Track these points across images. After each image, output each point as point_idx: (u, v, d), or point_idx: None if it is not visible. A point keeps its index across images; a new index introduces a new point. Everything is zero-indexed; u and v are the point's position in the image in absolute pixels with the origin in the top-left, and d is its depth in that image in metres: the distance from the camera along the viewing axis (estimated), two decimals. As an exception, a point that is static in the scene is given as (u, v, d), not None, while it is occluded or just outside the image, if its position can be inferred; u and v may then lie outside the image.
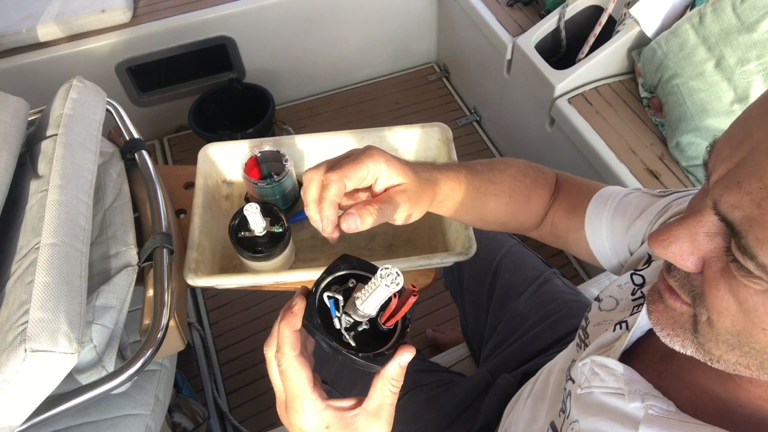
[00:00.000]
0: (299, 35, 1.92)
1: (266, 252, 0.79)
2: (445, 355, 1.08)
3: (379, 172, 0.51)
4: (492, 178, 0.62)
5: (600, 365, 0.48)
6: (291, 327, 0.43)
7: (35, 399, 0.59)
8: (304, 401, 0.43)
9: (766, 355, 0.34)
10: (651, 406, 0.41)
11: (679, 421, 0.40)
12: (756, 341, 0.34)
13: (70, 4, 1.65)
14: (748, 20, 1.20)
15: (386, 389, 0.43)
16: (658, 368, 0.47)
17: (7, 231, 0.70)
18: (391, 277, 0.40)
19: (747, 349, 0.35)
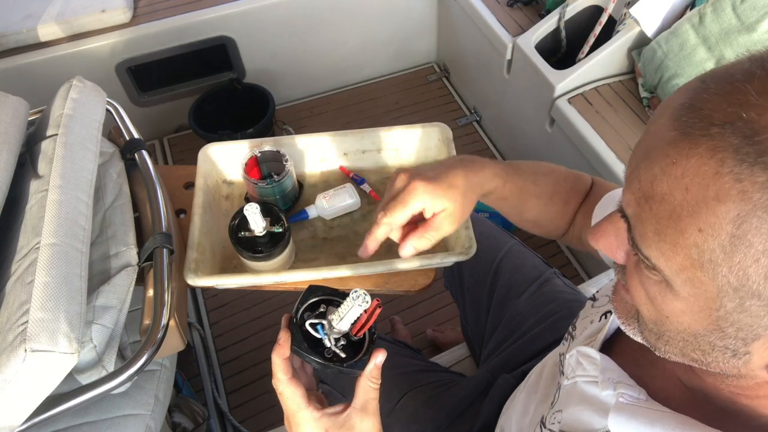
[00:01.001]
0: (299, 35, 1.92)
1: (266, 252, 0.78)
2: (445, 355, 1.08)
3: (425, 204, 0.58)
4: (536, 180, 0.66)
5: (584, 355, 0.49)
6: (280, 356, 0.52)
7: (35, 399, 0.59)
8: (301, 415, 0.51)
9: (681, 342, 0.37)
10: (622, 394, 0.43)
11: (647, 409, 0.41)
12: (667, 329, 0.37)
13: (70, 4, 1.65)
14: (748, 20, 1.19)
15: (368, 386, 0.51)
16: (636, 356, 0.49)
17: (7, 231, 0.70)
18: (361, 297, 0.50)
19: (665, 338, 0.38)
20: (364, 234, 0.93)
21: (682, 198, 0.30)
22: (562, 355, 0.56)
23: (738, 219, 0.28)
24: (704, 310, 0.33)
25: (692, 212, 0.30)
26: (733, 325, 0.32)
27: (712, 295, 0.32)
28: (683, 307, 0.34)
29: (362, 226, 0.94)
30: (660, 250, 0.33)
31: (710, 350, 0.35)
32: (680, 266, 0.32)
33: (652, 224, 0.33)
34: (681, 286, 0.33)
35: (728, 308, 0.32)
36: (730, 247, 0.29)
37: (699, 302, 0.33)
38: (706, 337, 0.35)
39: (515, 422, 0.64)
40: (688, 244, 0.31)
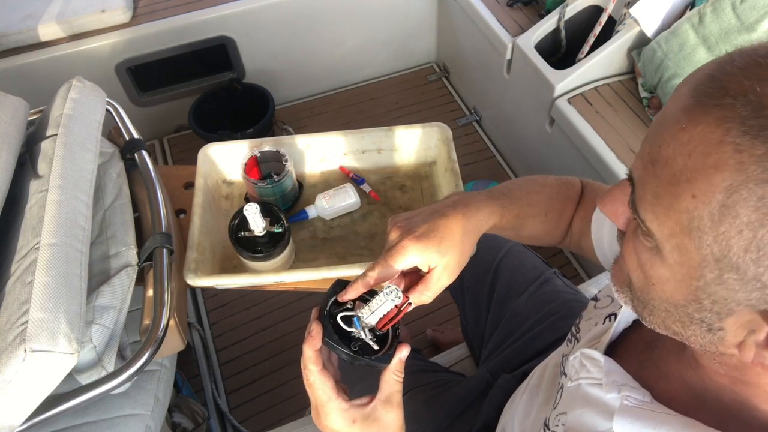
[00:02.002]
0: (299, 35, 1.92)
1: (266, 252, 0.78)
2: (445, 355, 1.08)
3: (416, 262, 0.56)
4: (530, 202, 0.65)
5: (588, 357, 0.49)
6: (312, 347, 0.52)
7: (35, 399, 0.59)
8: (331, 406, 0.52)
9: (664, 313, 0.38)
10: (627, 396, 0.43)
11: (651, 411, 0.41)
12: (652, 297, 0.38)
13: (70, 4, 1.65)
14: (748, 20, 1.19)
15: (392, 380, 0.52)
16: (641, 358, 0.49)
17: (7, 231, 0.70)
18: (394, 293, 0.52)
19: (650, 306, 0.39)
20: (364, 234, 0.94)
21: (683, 163, 0.31)
22: (565, 357, 0.56)
23: (730, 189, 0.29)
24: (686, 279, 0.34)
25: (690, 178, 0.31)
26: (710, 297, 0.33)
27: (695, 264, 0.33)
28: (668, 274, 0.35)
29: (362, 226, 0.94)
30: (655, 213, 0.34)
31: (689, 323, 0.36)
32: (671, 231, 0.33)
33: (653, 187, 0.34)
34: (669, 252, 0.34)
35: (707, 279, 0.33)
36: (719, 216, 0.30)
37: (683, 270, 0.34)
38: (685, 308, 0.36)
39: (518, 423, 0.64)
40: (681, 209, 0.32)
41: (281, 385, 1.47)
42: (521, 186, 0.67)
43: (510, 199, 0.64)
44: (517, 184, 0.67)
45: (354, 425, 0.52)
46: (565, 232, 0.70)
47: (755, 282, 0.30)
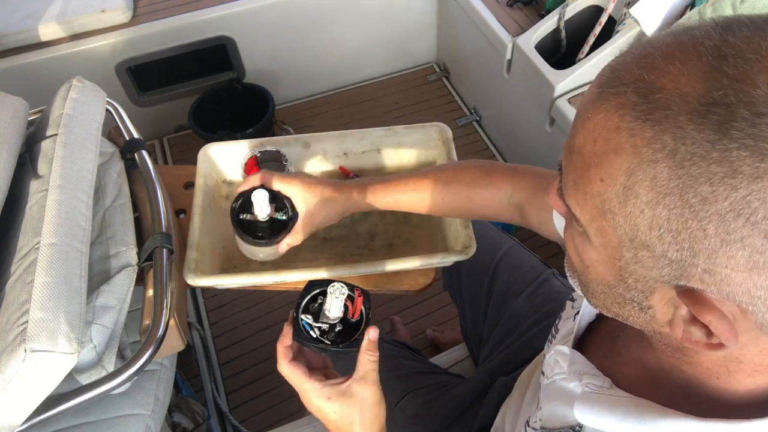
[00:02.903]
0: (299, 35, 1.92)
1: (267, 238, 0.76)
2: (444, 356, 1.08)
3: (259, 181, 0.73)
4: (416, 188, 0.73)
5: (560, 354, 0.51)
6: (282, 344, 0.60)
7: (35, 399, 0.59)
8: (305, 388, 0.58)
9: (602, 295, 0.39)
10: (587, 384, 0.45)
11: (609, 396, 0.43)
12: (589, 280, 0.40)
13: (70, 4, 1.65)
14: (748, 20, 1.19)
15: (366, 360, 0.57)
16: (606, 348, 0.51)
17: (7, 231, 0.70)
18: (337, 290, 0.58)
19: (590, 289, 0.40)
20: (364, 234, 0.94)
21: (591, 150, 0.33)
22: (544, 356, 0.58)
23: (629, 171, 0.31)
24: (611, 261, 0.35)
25: (597, 163, 0.33)
26: (632, 276, 0.35)
27: (615, 245, 0.34)
28: (597, 256, 0.37)
29: (362, 225, 0.94)
30: (576, 200, 0.36)
31: (623, 303, 0.38)
32: (591, 216, 0.35)
33: (572, 175, 0.35)
34: (594, 235, 0.36)
35: (626, 258, 0.34)
36: (624, 197, 0.32)
37: (606, 252, 0.35)
38: (616, 289, 0.37)
39: (509, 422, 0.65)
40: (594, 193, 0.33)
41: (281, 385, 1.47)
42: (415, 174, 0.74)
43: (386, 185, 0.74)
44: (414, 173, 0.75)
45: (330, 401, 0.56)
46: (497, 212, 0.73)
47: (663, 258, 0.32)
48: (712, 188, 0.28)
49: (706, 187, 0.28)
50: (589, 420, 0.43)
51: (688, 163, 0.28)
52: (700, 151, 0.28)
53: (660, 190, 0.30)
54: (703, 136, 0.28)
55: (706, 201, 0.28)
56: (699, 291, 0.31)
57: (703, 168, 0.28)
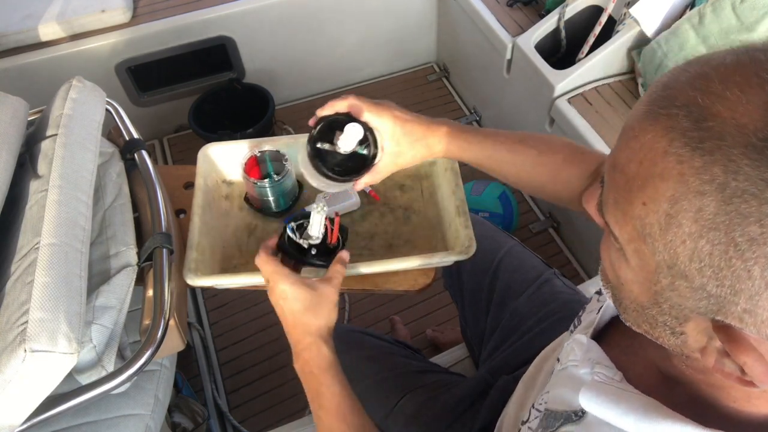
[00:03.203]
0: (299, 35, 1.92)
1: (343, 173, 0.70)
2: (444, 356, 1.08)
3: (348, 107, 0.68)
4: (512, 149, 0.68)
5: (577, 342, 0.51)
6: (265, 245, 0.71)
7: (35, 399, 0.59)
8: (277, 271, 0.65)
9: (634, 312, 0.38)
10: (598, 372, 0.45)
11: (617, 389, 0.43)
12: (623, 296, 0.39)
13: (70, 4, 1.65)
14: (748, 20, 1.19)
15: (335, 268, 0.69)
16: (624, 344, 0.50)
17: (6, 231, 0.70)
18: (320, 206, 0.70)
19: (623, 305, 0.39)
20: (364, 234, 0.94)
21: (635, 170, 0.32)
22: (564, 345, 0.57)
23: (673, 199, 0.30)
24: (646, 283, 0.35)
25: (641, 185, 0.31)
26: (667, 302, 0.34)
27: (652, 269, 0.33)
28: (632, 276, 0.36)
29: (362, 225, 0.94)
30: (615, 218, 0.35)
31: (654, 324, 0.37)
32: (629, 236, 0.34)
33: (613, 192, 0.34)
34: (631, 255, 0.35)
35: (663, 284, 0.33)
36: (666, 225, 0.30)
37: (643, 274, 0.34)
38: (649, 311, 0.36)
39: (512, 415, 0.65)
40: (635, 215, 0.32)
41: (281, 385, 1.47)
42: (514, 135, 0.69)
43: (482, 139, 0.68)
44: (514, 132, 0.70)
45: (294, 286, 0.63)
46: (574, 194, 0.69)
47: (701, 291, 0.30)
48: (762, 229, 0.26)
49: (755, 227, 0.27)
50: (591, 407, 0.43)
51: (737, 200, 0.27)
52: (753, 189, 0.26)
53: (705, 224, 0.28)
54: (758, 174, 0.26)
55: (754, 242, 0.27)
56: (736, 329, 0.30)
57: (754, 207, 0.26)
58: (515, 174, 0.70)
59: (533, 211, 1.79)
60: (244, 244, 0.91)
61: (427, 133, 0.67)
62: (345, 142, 0.67)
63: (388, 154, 0.68)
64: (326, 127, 0.69)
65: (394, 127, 0.66)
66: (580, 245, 1.66)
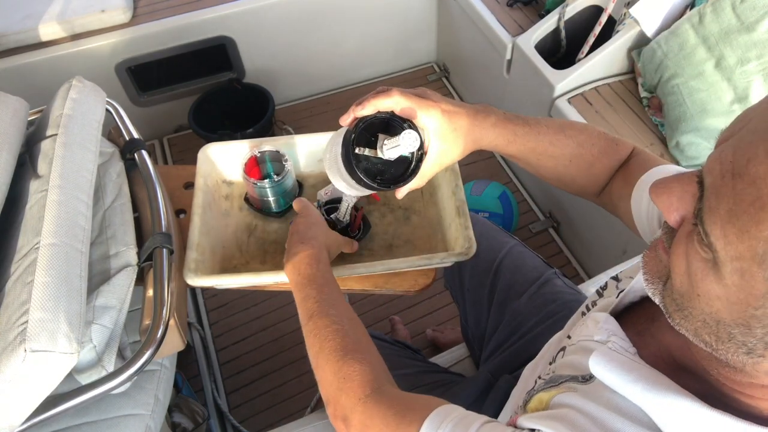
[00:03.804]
0: (299, 35, 1.92)
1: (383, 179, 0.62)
2: (444, 356, 1.08)
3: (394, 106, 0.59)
4: (554, 141, 0.63)
5: (592, 319, 0.50)
6: None
7: (35, 399, 0.59)
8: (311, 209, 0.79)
9: (700, 323, 0.36)
10: (612, 342, 0.45)
11: (628, 359, 0.42)
12: (692, 306, 0.36)
13: (70, 4, 1.65)
14: (748, 20, 1.19)
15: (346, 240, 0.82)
16: (640, 328, 0.49)
17: (7, 231, 0.70)
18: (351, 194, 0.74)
19: (686, 312, 0.37)
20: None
21: None
22: None
23: None
24: (741, 304, 0.32)
25: None
26: (765, 327, 0.32)
27: (758, 294, 0.31)
28: (721, 293, 0.33)
29: (362, 226, 0.94)
30: (724, 231, 0.31)
31: (726, 340, 0.35)
32: (738, 254, 0.31)
33: (728, 203, 0.31)
34: (729, 273, 0.32)
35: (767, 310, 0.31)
36: None
37: (740, 295, 0.32)
38: (728, 328, 0.34)
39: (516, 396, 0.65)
40: (760, 236, 0.29)
41: (281, 385, 1.47)
42: (554, 124, 0.64)
43: (528, 130, 0.62)
44: (553, 121, 0.65)
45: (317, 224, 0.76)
46: (599, 187, 0.68)
47: None
48: None
49: None
50: (599, 372, 0.42)
51: None
52: None
53: None
54: None
55: None
56: None
57: None
58: (552, 168, 0.65)
59: (533, 211, 1.79)
60: (244, 244, 0.91)
61: (474, 125, 0.60)
62: (395, 149, 0.58)
63: (434, 154, 0.61)
64: (365, 129, 0.60)
65: (442, 124, 0.59)
66: (580, 245, 1.66)
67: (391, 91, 0.59)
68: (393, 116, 0.60)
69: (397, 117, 0.60)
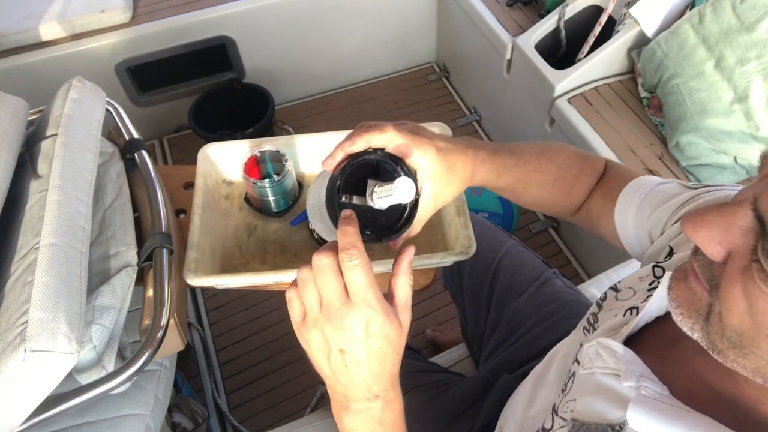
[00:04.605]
0: (299, 35, 1.92)
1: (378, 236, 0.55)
2: (444, 355, 1.08)
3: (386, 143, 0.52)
4: (538, 168, 0.62)
5: (604, 347, 0.48)
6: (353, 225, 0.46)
7: (35, 399, 0.59)
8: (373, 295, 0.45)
9: (764, 361, 0.34)
10: (644, 387, 0.42)
11: (669, 405, 0.40)
12: (757, 345, 0.34)
13: (70, 4, 1.65)
14: (748, 20, 1.20)
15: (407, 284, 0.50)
16: (662, 353, 0.47)
17: (6, 231, 0.70)
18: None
19: (747, 351, 0.35)
20: (364, 234, 0.94)
21: None
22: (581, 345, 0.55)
23: None
24: None
25: None
26: None
27: None
28: None
29: (362, 226, 0.94)
30: None
31: None
32: None
33: None
34: None
35: None
36: None
37: None
38: None
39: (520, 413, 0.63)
40: None
41: (281, 385, 1.47)
42: (533, 150, 0.63)
43: (515, 161, 0.60)
44: (532, 146, 0.64)
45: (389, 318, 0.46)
46: (577, 205, 0.69)
47: None
48: None
49: None
50: (641, 425, 0.40)
51: None
52: None
53: None
54: None
55: None
56: None
57: None
58: (536, 194, 0.65)
59: (533, 211, 1.79)
60: (244, 244, 0.91)
61: (466, 162, 0.56)
62: (387, 199, 0.51)
63: (428, 196, 0.55)
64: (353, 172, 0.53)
65: (436, 163, 0.53)
66: (580, 245, 1.66)
67: (385, 127, 0.52)
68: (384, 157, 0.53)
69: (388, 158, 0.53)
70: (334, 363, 0.46)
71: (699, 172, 1.26)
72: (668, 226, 0.57)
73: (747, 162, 1.23)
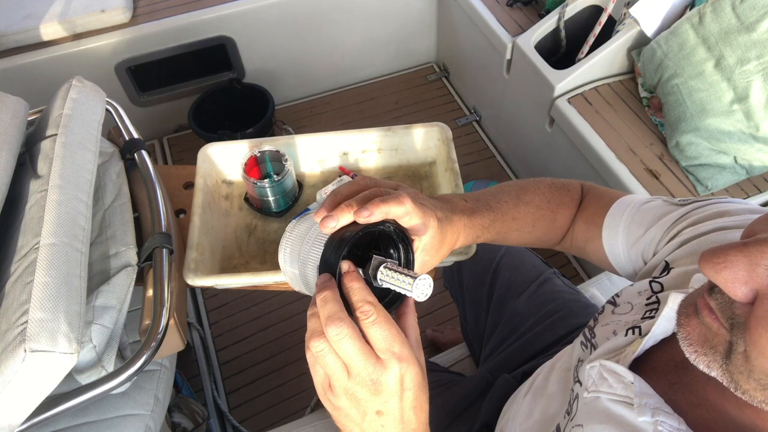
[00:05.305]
0: (299, 35, 1.92)
1: None
2: (444, 355, 1.08)
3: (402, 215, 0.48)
4: (516, 216, 0.62)
5: (609, 371, 0.46)
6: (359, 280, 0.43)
7: (35, 399, 0.59)
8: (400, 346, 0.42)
9: None
10: (661, 422, 0.40)
11: None
12: None
13: (70, 4, 1.65)
14: (748, 20, 1.19)
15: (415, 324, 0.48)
16: (671, 379, 0.45)
17: (6, 231, 0.70)
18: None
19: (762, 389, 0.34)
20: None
21: None
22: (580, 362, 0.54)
23: None
24: None
25: None
26: None
27: None
28: None
29: (362, 226, 0.94)
30: None
31: None
32: None
33: None
34: None
35: None
36: None
37: None
38: None
39: (519, 423, 0.63)
40: None
41: (281, 385, 1.47)
42: (510, 196, 0.63)
43: (493, 217, 0.60)
44: (508, 193, 0.63)
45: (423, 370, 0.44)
46: (560, 236, 0.70)
47: None
48: None
49: None
50: None
51: None
52: None
53: None
54: None
55: None
56: None
57: None
58: (516, 239, 0.65)
59: (533, 211, 1.79)
60: (244, 244, 0.91)
61: (453, 232, 0.55)
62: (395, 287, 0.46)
63: (417, 267, 0.53)
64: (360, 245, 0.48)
65: (434, 236, 0.51)
66: (580, 245, 1.66)
67: (404, 198, 0.47)
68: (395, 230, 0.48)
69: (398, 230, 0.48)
70: (368, 425, 0.44)
71: (699, 172, 1.26)
72: (661, 245, 0.57)
73: (747, 162, 1.23)
